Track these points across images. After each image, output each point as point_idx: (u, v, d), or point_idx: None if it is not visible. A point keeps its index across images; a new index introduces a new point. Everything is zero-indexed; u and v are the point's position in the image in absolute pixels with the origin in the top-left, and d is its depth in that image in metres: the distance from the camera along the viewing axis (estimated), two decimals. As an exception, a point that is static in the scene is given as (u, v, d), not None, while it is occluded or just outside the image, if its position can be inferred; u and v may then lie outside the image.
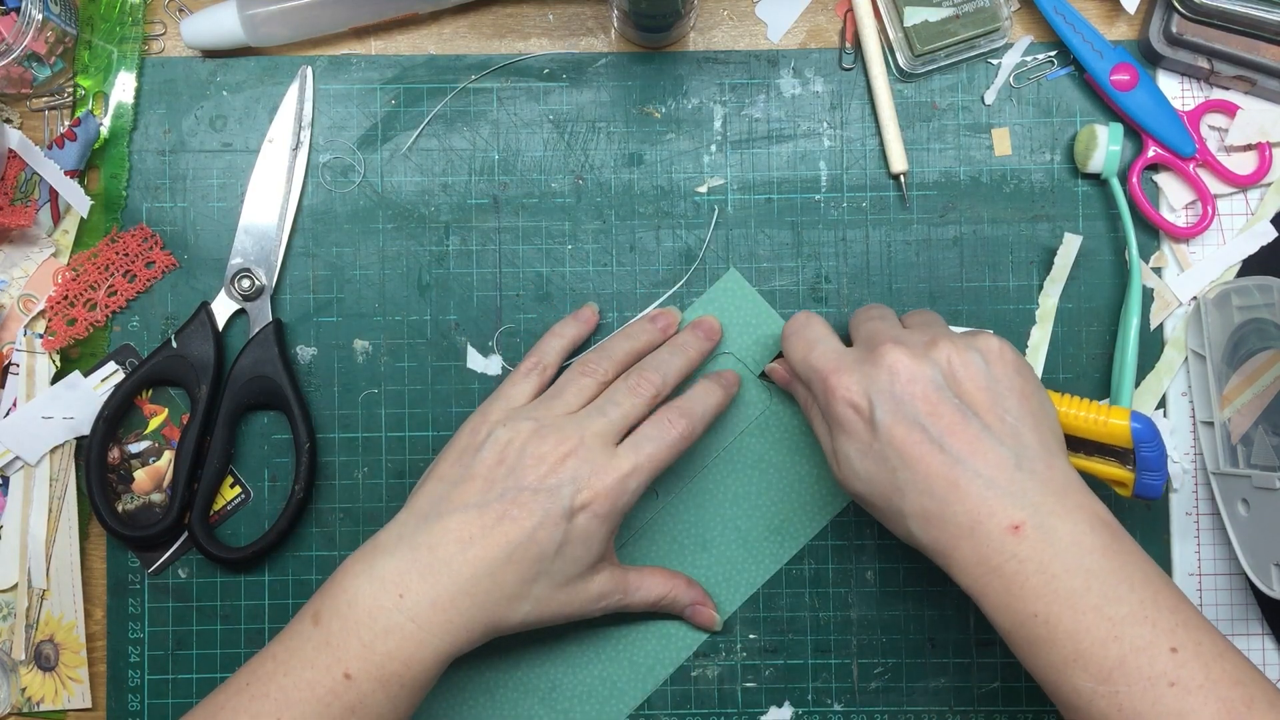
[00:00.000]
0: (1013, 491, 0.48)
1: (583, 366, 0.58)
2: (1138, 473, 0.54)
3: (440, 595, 0.51)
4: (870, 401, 0.50)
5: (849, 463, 0.52)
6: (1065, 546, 0.47)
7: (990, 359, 0.51)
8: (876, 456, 0.50)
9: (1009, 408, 0.50)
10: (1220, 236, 0.63)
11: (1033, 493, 0.48)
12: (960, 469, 0.48)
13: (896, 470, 0.49)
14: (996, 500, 0.48)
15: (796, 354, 0.55)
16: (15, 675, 0.63)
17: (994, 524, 0.47)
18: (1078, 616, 0.46)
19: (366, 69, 0.64)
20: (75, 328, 0.63)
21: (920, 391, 0.49)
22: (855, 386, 0.51)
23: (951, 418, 0.49)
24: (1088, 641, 0.46)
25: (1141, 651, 0.45)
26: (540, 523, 0.53)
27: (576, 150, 0.64)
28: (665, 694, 0.63)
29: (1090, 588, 0.46)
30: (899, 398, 0.49)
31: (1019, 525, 0.47)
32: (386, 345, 0.64)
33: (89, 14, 0.63)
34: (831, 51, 0.64)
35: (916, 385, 0.49)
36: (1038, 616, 0.46)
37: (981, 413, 0.49)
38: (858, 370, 0.51)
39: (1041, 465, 0.49)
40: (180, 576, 0.63)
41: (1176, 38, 0.61)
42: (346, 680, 0.50)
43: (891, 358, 0.50)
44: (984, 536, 0.47)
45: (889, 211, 0.64)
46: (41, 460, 0.62)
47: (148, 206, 0.64)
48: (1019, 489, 0.48)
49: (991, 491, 0.48)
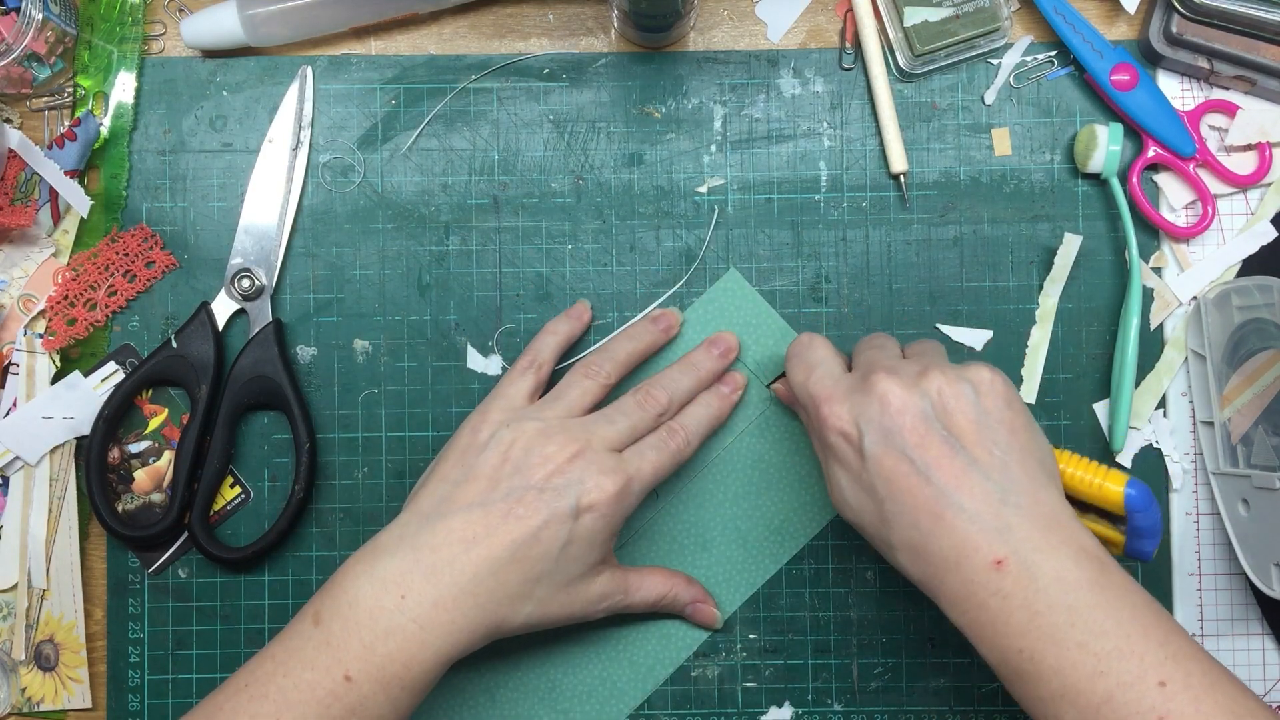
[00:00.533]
0: (997, 526, 0.47)
1: (585, 368, 0.58)
2: (1130, 537, 0.53)
3: (443, 596, 0.51)
4: (860, 431, 0.50)
5: (840, 490, 0.52)
6: (1049, 582, 0.46)
7: (981, 390, 0.50)
8: (866, 486, 0.50)
9: (998, 440, 0.49)
10: (1220, 236, 0.63)
11: (1017, 528, 0.47)
12: (945, 502, 0.48)
13: (884, 501, 0.49)
14: (980, 535, 0.47)
15: (796, 378, 0.55)
16: (15, 675, 0.63)
17: (978, 559, 0.47)
18: (1062, 653, 0.45)
19: (366, 69, 0.64)
20: (75, 328, 0.63)
21: (909, 423, 0.49)
22: (846, 415, 0.51)
23: (939, 450, 0.49)
24: (1074, 677, 0.45)
25: (1129, 687, 0.44)
26: (546, 521, 0.53)
27: (576, 150, 0.64)
28: (665, 694, 0.63)
29: (1074, 623, 0.46)
30: (888, 429, 0.50)
31: (1002, 561, 0.47)
32: (386, 345, 0.64)
33: (89, 14, 0.63)
34: (831, 51, 0.64)
35: (905, 416, 0.49)
36: (1023, 652, 0.46)
37: (969, 445, 0.49)
38: (849, 399, 0.51)
39: (1028, 499, 0.48)
40: (180, 576, 0.63)
41: (1176, 38, 0.61)
42: (347, 682, 0.50)
43: (882, 387, 0.50)
44: (969, 571, 0.47)
45: (889, 211, 0.64)
46: (41, 460, 0.62)
47: (148, 206, 0.64)
48: (1003, 524, 0.47)
49: (975, 526, 0.47)
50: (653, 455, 0.56)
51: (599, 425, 0.56)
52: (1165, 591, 0.63)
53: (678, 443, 0.57)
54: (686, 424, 0.58)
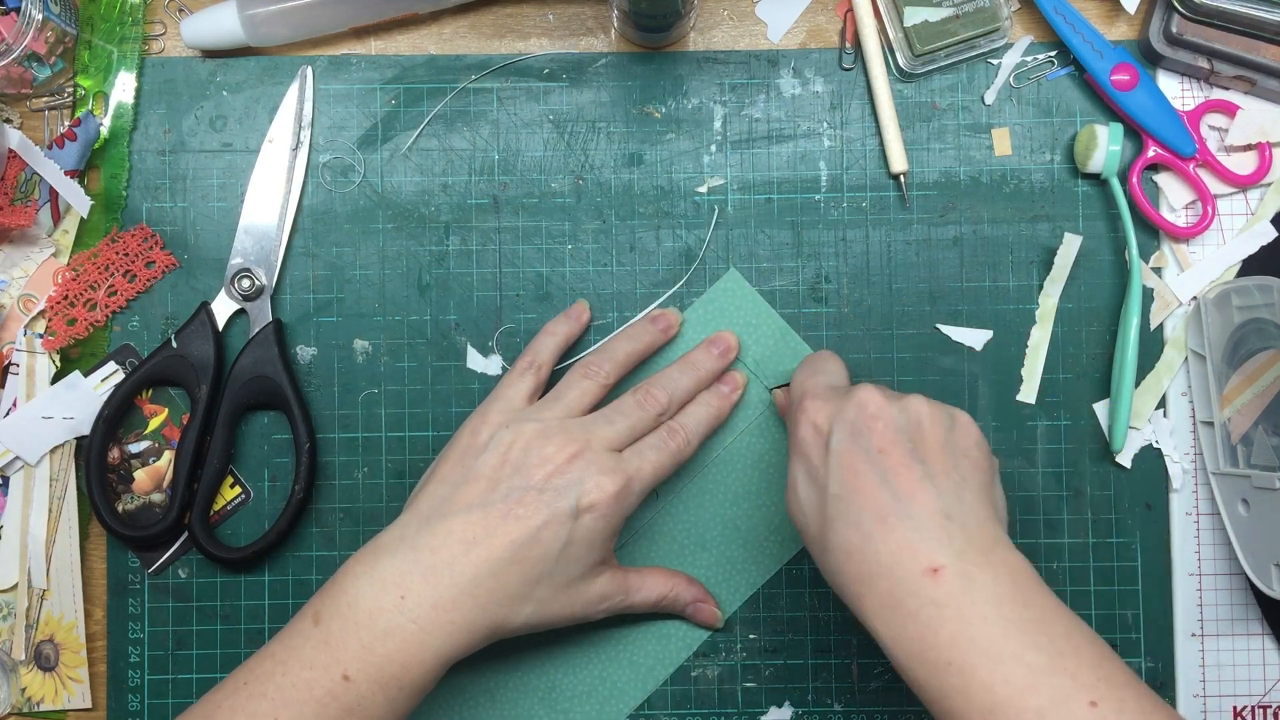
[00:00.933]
0: (939, 538, 0.47)
1: (584, 369, 0.58)
2: None
3: (442, 597, 0.51)
4: (830, 428, 0.51)
5: (795, 488, 0.52)
6: (985, 597, 0.46)
7: (958, 425, 0.51)
8: (820, 484, 0.50)
9: (960, 469, 0.50)
10: (1220, 236, 0.63)
11: (959, 542, 0.47)
12: (893, 506, 0.48)
13: (834, 500, 0.49)
14: (921, 542, 0.47)
15: (798, 377, 0.56)
16: (15, 675, 0.63)
17: (914, 564, 0.47)
18: (994, 666, 0.44)
19: (366, 69, 0.64)
20: (75, 328, 0.63)
21: (879, 428, 0.50)
22: (822, 411, 0.52)
23: (900, 459, 0.49)
24: (1005, 692, 0.44)
25: (1060, 705, 0.43)
26: (545, 522, 0.53)
27: (576, 150, 0.64)
28: (665, 694, 0.63)
29: (1009, 636, 0.45)
30: (858, 429, 0.50)
31: (939, 569, 0.46)
32: (386, 345, 0.64)
33: (89, 14, 0.63)
34: (831, 51, 0.64)
35: (878, 421, 0.50)
36: (952, 665, 0.45)
37: (931, 464, 0.49)
38: (832, 401, 0.52)
39: (974, 523, 0.48)
40: (180, 576, 0.63)
41: (1176, 38, 0.61)
42: (345, 681, 0.50)
43: (864, 394, 0.51)
44: (902, 576, 0.47)
45: (889, 211, 0.64)
46: (41, 460, 0.62)
47: (148, 206, 0.64)
48: (945, 536, 0.47)
49: (918, 534, 0.47)
50: (652, 455, 0.56)
51: (598, 425, 0.56)
52: (1165, 591, 0.63)
53: (678, 442, 0.57)
54: (686, 423, 0.58)
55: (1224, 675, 0.62)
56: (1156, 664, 0.62)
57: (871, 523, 0.48)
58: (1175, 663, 0.62)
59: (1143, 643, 0.63)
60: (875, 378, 0.63)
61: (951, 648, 0.45)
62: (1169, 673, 0.62)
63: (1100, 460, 0.63)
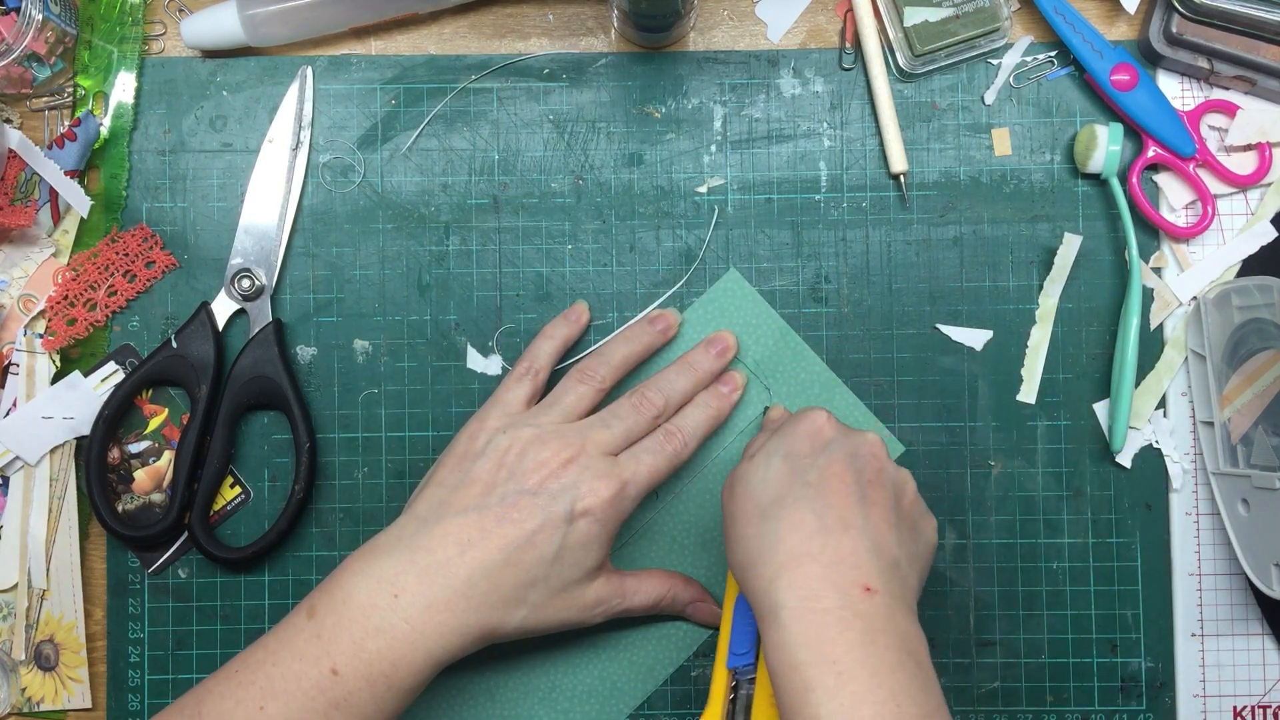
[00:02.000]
0: (883, 570, 0.49)
1: (580, 374, 0.58)
2: None
3: (436, 598, 0.51)
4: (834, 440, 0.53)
5: (765, 456, 0.53)
6: (898, 631, 0.47)
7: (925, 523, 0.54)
8: (797, 468, 0.52)
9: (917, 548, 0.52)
10: (1220, 236, 0.63)
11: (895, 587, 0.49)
12: (859, 521, 0.50)
13: (803, 485, 0.51)
14: (870, 563, 0.48)
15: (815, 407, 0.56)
16: (15, 675, 0.63)
17: (854, 576, 0.48)
18: (877, 683, 0.46)
19: (366, 69, 0.64)
20: (75, 328, 0.63)
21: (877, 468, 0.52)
22: (833, 426, 0.54)
23: (882, 501, 0.51)
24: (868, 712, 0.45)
25: None
26: (540, 526, 0.53)
27: (576, 150, 0.64)
28: (665, 694, 0.63)
29: (904, 665, 0.47)
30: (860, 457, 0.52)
31: (873, 590, 0.48)
32: (386, 345, 0.64)
33: (89, 14, 0.63)
34: (831, 51, 0.64)
35: (878, 462, 0.52)
36: (838, 664, 0.46)
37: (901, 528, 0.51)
38: (843, 428, 0.54)
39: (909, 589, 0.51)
40: (180, 576, 0.63)
41: (1176, 38, 0.61)
42: (333, 675, 0.50)
43: (874, 442, 0.53)
44: (840, 579, 0.48)
45: (889, 211, 0.64)
46: (41, 460, 0.62)
47: (148, 206, 0.64)
48: (890, 573, 0.49)
49: (870, 556, 0.49)
50: (649, 459, 0.56)
51: (594, 430, 0.56)
52: (1165, 591, 0.63)
53: (675, 445, 0.57)
54: (684, 425, 0.58)
55: (1224, 675, 0.62)
56: (1156, 664, 0.62)
57: (834, 520, 0.49)
58: (1175, 663, 0.62)
59: (1143, 643, 0.63)
60: (875, 378, 0.63)
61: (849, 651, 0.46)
62: (1169, 673, 0.62)
63: (1100, 460, 0.63)
